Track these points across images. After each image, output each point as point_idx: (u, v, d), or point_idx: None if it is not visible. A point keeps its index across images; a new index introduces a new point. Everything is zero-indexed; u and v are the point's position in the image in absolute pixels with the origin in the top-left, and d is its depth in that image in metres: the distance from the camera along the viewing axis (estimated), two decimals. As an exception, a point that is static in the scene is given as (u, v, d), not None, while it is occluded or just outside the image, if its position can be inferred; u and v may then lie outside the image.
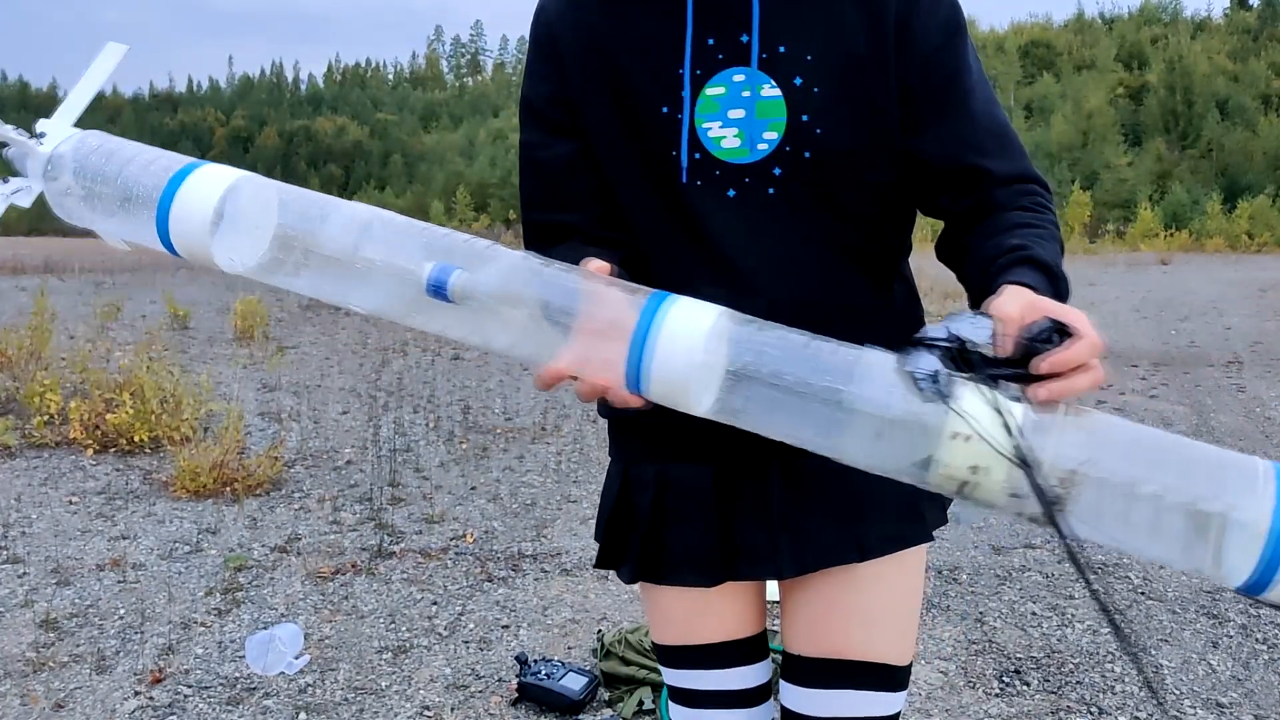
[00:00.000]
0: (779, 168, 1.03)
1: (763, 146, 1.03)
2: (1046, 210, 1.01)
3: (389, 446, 5.38)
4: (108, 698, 2.61)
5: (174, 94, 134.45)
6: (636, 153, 1.06)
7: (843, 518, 1.08)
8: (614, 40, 1.05)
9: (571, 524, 4.10)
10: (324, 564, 3.60)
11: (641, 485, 1.15)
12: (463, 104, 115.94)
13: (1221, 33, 66.62)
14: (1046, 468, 0.73)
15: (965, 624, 3.11)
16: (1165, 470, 0.71)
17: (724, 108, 1.02)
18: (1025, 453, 0.73)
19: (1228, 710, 2.57)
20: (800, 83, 1.01)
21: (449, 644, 2.97)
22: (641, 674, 2.62)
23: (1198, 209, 35.86)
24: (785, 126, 1.02)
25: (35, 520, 4.07)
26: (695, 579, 1.13)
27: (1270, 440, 5.60)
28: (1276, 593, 0.70)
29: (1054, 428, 0.74)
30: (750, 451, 1.03)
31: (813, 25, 1.02)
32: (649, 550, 1.15)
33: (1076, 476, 0.72)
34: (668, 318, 0.80)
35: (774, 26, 1.01)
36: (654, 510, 1.14)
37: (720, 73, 1.02)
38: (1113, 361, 8.54)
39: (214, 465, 4.44)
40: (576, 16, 1.08)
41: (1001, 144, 1.03)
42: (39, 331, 6.76)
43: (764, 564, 1.10)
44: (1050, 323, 0.77)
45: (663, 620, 1.18)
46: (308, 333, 10.34)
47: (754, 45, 1.01)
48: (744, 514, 1.10)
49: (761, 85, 1.02)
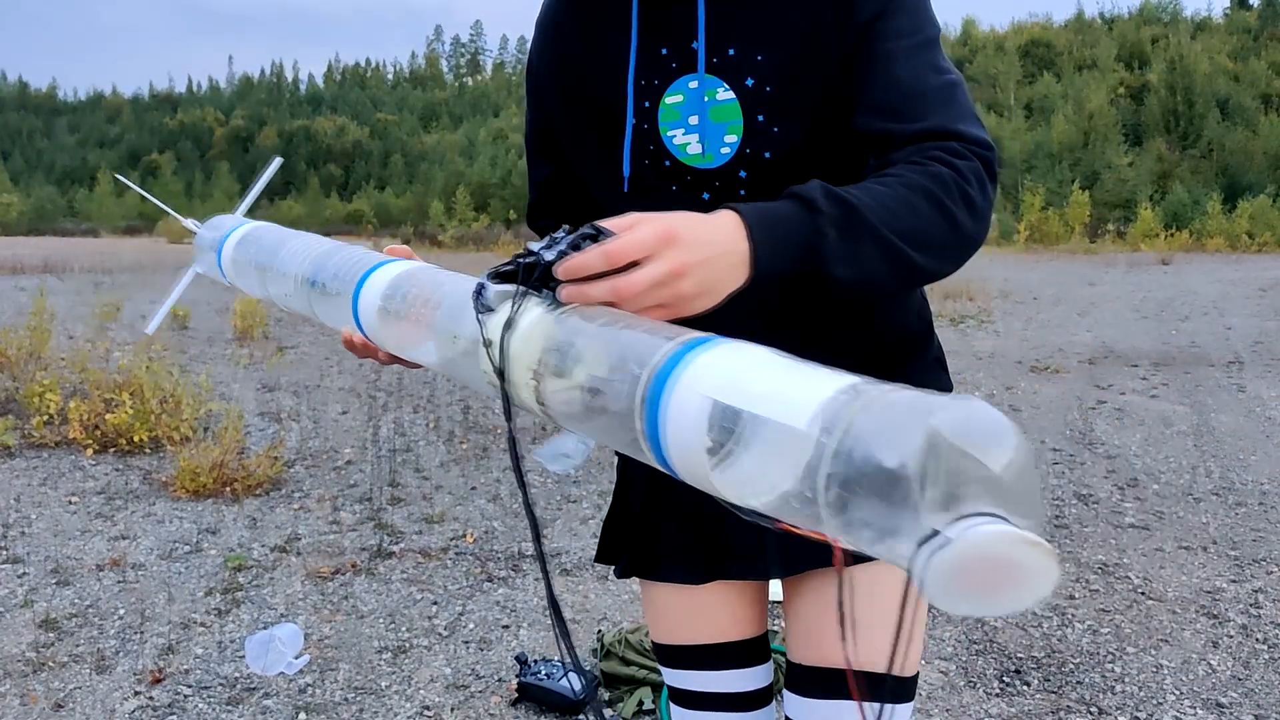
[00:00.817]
0: (744, 170, 1.03)
1: (725, 150, 1.03)
2: (935, 164, 0.90)
3: (389, 446, 5.38)
4: (107, 698, 2.61)
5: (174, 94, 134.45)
6: (615, 163, 1.08)
7: None
8: (587, 62, 1.08)
9: (571, 524, 4.10)
10: (324, 564, 3.60)
11: (635, 482, 1.17)
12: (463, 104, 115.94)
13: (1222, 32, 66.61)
14: (516, 366, 0.75)
15: (966, 624, 3.11)
16: (600, 362, 0.70)
17: (684, 115, 1.03)
18: (495, 352, 0.76)
19: (1228, 710, 2.57)
20: (752, 83, 1.01)
21: (449, 644, 2.96)
22: (641, 674, 2.62)
23: (1198, 209, 35.84)
24: (743, 129, 1.02)
25: (35, 520, 4.07)
26: (685, 576, 1.14)
27: (1270, 440, 5.60)
28: (675, 450, 0.64)
29: (539, 329, 0.75)
30: None
31: (761, 25, 1.01)
32: (641, 546, 1.17)
33: (536, 372, 0.73)
34: (374, 275, 0.97)
35: (722, 30, 1.01)
36: (645, 506, 1.16)
37: (676, 80, 1.03)
38: (1114, 361, 8.54)
39: (214, 465, 4.44)
40: (556, 46, 1.12)
41: (918, 104, 0.95)
42: (38, 331, 6.77)
43: (752, 563, 1.11)
44: (591, 228, 0.75)
45: (660, 619, 1.19)
46: (307, 333, 10.34)
47: (701, 51, 1.01)
48: (735, 515, 1.08)
49: (715, 90, 1.02)
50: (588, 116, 1.09)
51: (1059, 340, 9.82)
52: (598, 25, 1.07)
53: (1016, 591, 0.50)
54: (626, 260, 0.73)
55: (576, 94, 1.09)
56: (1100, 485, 4.70)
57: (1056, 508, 4.35)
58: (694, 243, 0.76)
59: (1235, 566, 3.62)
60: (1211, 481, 4.77)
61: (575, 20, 1.10)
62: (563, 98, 1.11)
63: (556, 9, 1.13)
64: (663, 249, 0.74)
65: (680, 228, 0.76)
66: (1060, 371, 8.04)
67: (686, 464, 0.63)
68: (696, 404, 0.62)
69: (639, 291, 0.73)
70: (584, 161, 1.13)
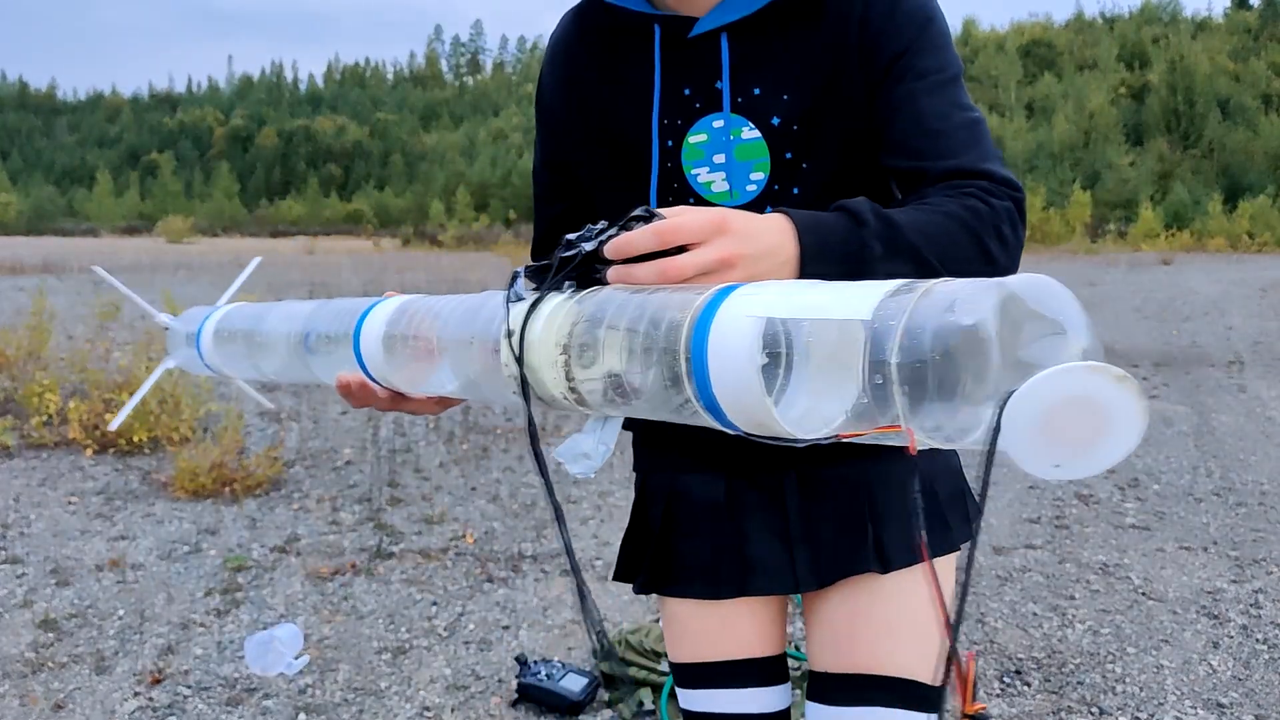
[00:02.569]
0: (770, 206, 1.02)
1: (751, 188, 1.04)
2: (971, 198, 0.91)
3: (388, 447, 5.38)
4: (107, 698, 2.60)
5: (173, 94, 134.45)
6: (634, 199, 1.07)
7: (862, 527, 1.07)
8: (608, 101, 1.09)
9: (572, 524, 4.10)
10: (323, 564, 3.60)
11: (655, 496, 1.17)
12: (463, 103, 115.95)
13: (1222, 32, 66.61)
14: (542, 349, 0.73)
15: (966, 624, 3.10)
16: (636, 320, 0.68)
17: (709, 153, 1.05)
18: (516, 341, 0.74)
19: (1228, 710, 2.57)
20: (778, 122, 1.02)
21: (449, 644, 2.96)
22: (641, 674, 2.61)
23: (1199, 209, 35.85)
24: (770, 165, 1.03)
25: (34, 520, 4.07)
26: (704, 591, 1.12)
27: (1270, 440, 5.59)
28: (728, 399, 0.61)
29: (565, 309, 0.73)
30: (765, 461, 1.06)
31: (784, 64, 1.02)
32: (660, 561, 1.15)
33: (566, 346, 0.71)
34: (373, 313, 0.95)
35: (746, 70, 1.02)
36: (665, 521, 1.15)
37: (700, 120, 1.04)
38: (1114, 361, 8.53)
39: (213, 465, 4.44)
40: (573, 85, 1.12)
41: (945, 143, 0.97)
42: (38, 331, 6.76)
43: (779, 577, 1.09)
44: (644, 211, 0.75)
45: (680, 636, 1.16)
46: (308, 332, 10.34)
47: (725, 91, 1.03)
48: (758, 527, 1.10)
49: (740, 129, 1.03)
50: (609, 156, 1.09)
51: (1059, 340, 9.81)
52: (617, 65, 1.08)
53: (1104, 442, 0.49)
54: (678, 242, 0.73)
55: (598, 134, 1.09)
56: (1101, 485, 4.69)
57: (1057, 508, 4.34)
58: (745, 235, 0.76)
59: (1235, 567, 3.61)
60: (1212, 482, 4.77)
61: (591, 59, 1.10)
62: (582, 137, 1.11)
63: (569, 46, 1.13)
64: (714, 236, 0.74)
65: (733, 219, 0.76)
66: (1060, 371, 8.04)
67: (740, 402, 0.60)
68: (746, 326, 0.59)
69: (686, 276, 0.72)
70: (606, 199, 1.12)
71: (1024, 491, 4.59)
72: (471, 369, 0.81)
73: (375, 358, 0.93)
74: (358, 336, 0.95)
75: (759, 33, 1.02)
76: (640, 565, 1.18)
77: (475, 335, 0.80)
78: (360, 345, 0.94)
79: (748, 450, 0.95)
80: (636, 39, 1.06)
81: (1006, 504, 4.41)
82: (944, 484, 1.12)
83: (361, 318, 0.94)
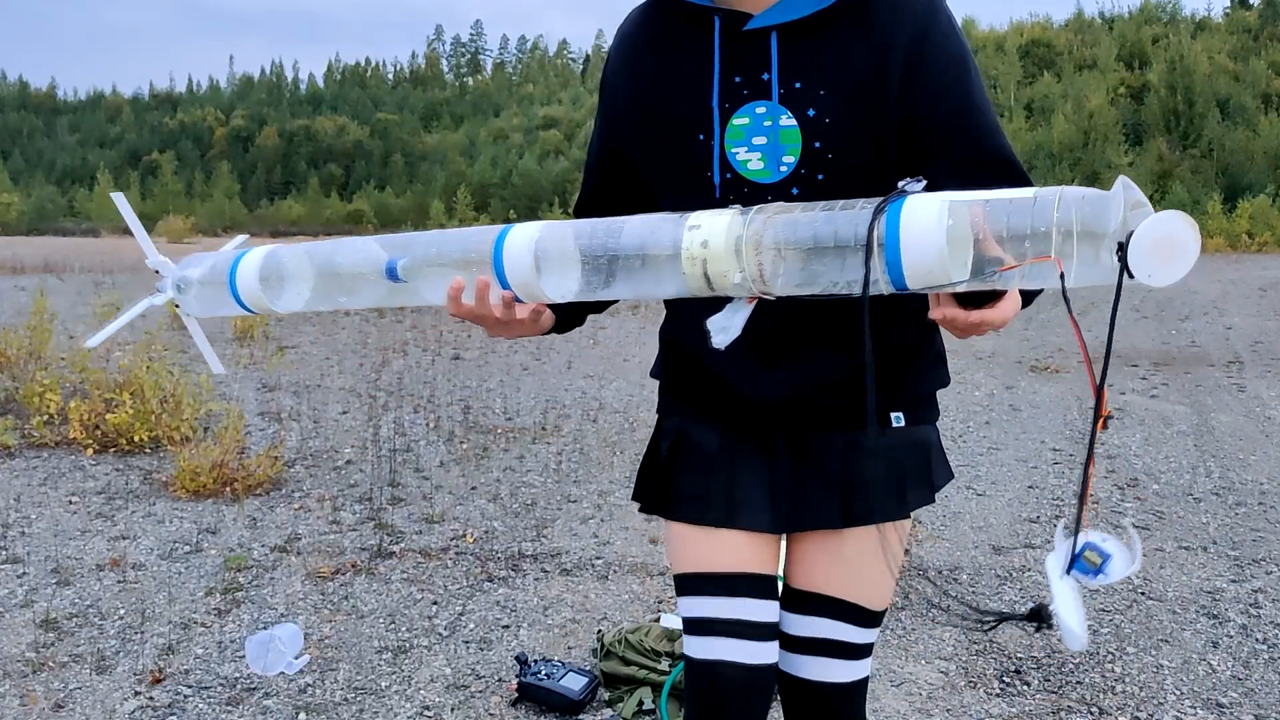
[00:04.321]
0: (796, 187, 1.20)
1: (783, 169, 1.20)
2: None
3: (389, 446, 5.38)
4: (107, 698, 2.61)
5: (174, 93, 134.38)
6: (679, 173, 1.25)
7: (836, 490, 1.28)
8: (661, 82, 1.26)
9: (572, 524, 4.10)
10: (324, 564, 3.60)
11: (667, 434, 1.38)
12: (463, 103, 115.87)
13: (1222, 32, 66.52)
14: (752, 248, 0.99)
15: (966, 624, 3.11)
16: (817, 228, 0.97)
17: (749, 135, 1.20)
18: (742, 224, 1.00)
19: (1228, 710, 2.57)
20: (813, 114, 1.18)
21: (449, 644, 2.96)
22: (642, 674, 2.61)
23: (1198, 208, 35.82)
24: (801, 152, 1.19)
25: (35, 520, 4.07)
26: (692, 515, 1.32)
27: (1270, 440, 5.59)
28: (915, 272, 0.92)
29: (759, 220, 1.00)
30: (758, 422, 1.30)
31: (825, 64, 1.18)
32: (661, 489, 1.36)
33: (761, 246, 0.98)
34: (509, 236, 1.11)
35: (791, 66, 1.18)
36: (670, 456, 1.36)
37: (745, 105, 1.20)
38: (1114, 361, 8.54)
39: (214, 465, 4.44)
40: (637, 75, 1.29)
41: (1000, 173, 1.16)
42: (38, 331, 6.76)
43: (759, 518, 1.30)
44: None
45: (681, 550, 1.34)
46: (308, 333, 10.34)
47: (774, 82, 1.19)
48: (747, 474, 1.31)
49: (780, 116, 1.19)
50: (668, 135, 1.25)
51: (1059, 340, 9.82)
52: (677, 54, 1.25)
53: (1183, 259, 0.82)
54: None
55: (659, 116, 1.26)
56: (1100, 485, 4.70)
57: (1056, 508, 4.35)
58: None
59: (1235, 566, 3.62)
60: (1211, 481, 4.77)
61: (653, 48, 1.28)
62: (641, 118, 1.28)
63: (635, 37, 1.31)
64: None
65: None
66: (1060, 371, 8.04)
67: (922, 260, 0.90)
68: (932, 210, 0.89)
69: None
70: (661, 173, 1.29)
71: (1024, 491, 4.60)
72: (653, 260, 1.05)
73: (522, 269, 1.10)
74: (500, 252, 1.10)
75: (806, 34, 1.18)
76: (647, 490, 1.39)
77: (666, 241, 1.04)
78: (505, 259, 1.10)
79: (744, 411, 1.28)
80: (697, 30, 1.23)
81: (1006, 504, 4.42)
82: (910, 457, 1.32)
83: (501, 239, 1.11)
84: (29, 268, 19.48)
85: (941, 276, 0.90)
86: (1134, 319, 11.48)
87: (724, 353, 1.12)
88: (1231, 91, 50.96)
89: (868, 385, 0.99)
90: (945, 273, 0.89)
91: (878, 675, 2.74)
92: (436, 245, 1.17)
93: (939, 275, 0.90)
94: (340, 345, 9.52)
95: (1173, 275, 0.82)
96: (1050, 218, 0.85)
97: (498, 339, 1.32)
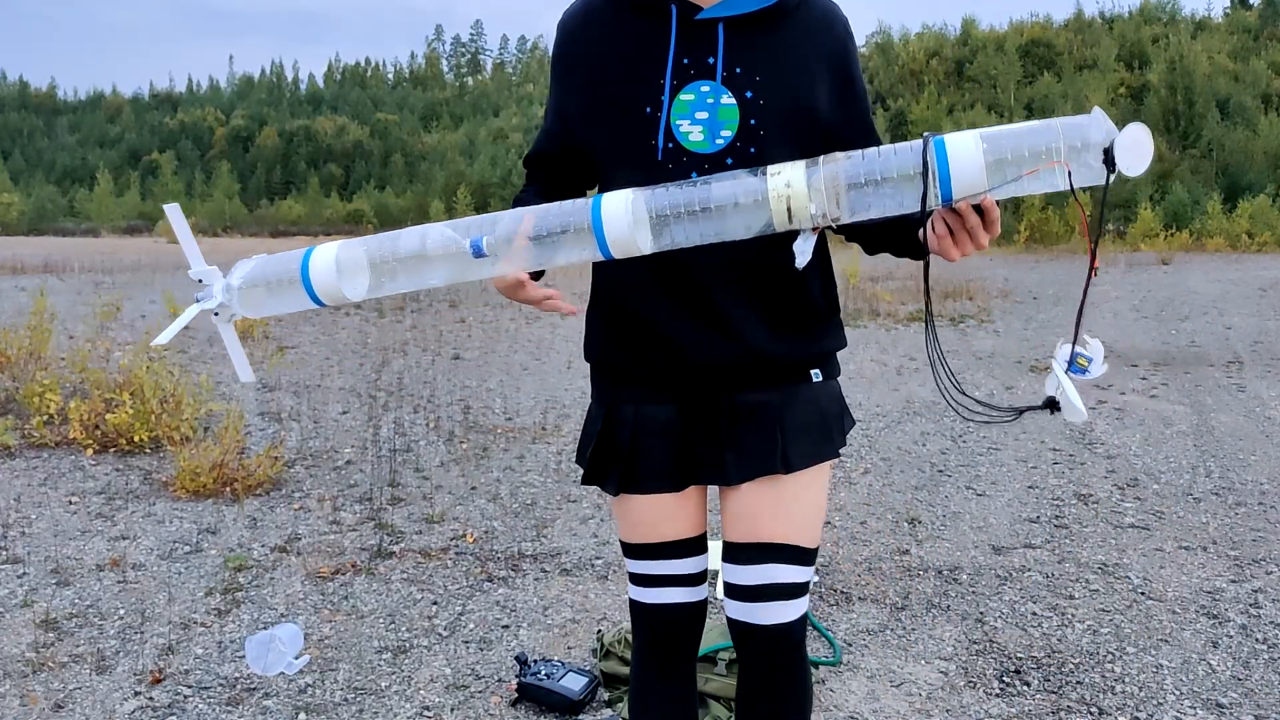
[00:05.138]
0: (731, 159, 1.40)
1: (720, 141, 1.39)
2: None
3: (389, 446, 5.38)
4: (107, 698, 2.61)
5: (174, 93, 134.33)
6: (623, 141, 1.43)
7: (774, 439, 1.47)
8: (614, 58, 1.44)
9: (571, 524, 4.10)
10: (324, 564, 3.60)
11: (623, 422, 1.54)
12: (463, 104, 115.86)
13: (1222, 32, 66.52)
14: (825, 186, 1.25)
15: (965, 624, 3.11)
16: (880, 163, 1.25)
17: (693, 110, 1.40)
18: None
19: (1228, 710, 2.57)
20: (750, 95, 1.39)
21: (449, 644, 2.96)
22: (641, 674, 2.61)
23: (1198, 209, 35.80)
24: (737, 127, 1.39)
25: (35, 520, 4.07)
26: (664, 486, 1.53)
27: (1270, 440, 5.60)
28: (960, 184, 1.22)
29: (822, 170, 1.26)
30: (705, 391, 1.49)
31: (765, 53, 1.41)
32: (629, 469, 1.54)
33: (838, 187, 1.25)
34: (603, 203, 1.29)
35: (734, 52, 1.40)
36: (632, 440, 1.53)
37: (691, 83, 1.40)
38: (1113, 361, 8.54)
39: (214, 465, 4.44)
40: (592, 39, 1.48)
41: (874, 138, 1.51)
42: (38, 331, 6.76)
43: (716, 473, 1.50)
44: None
45: (633, 524, 1.57)
46: (308, 332, 10.34)
47: (719, 65, 1.40)
48: (701, 438, 1.50)
49: (722, 95, 1.39)
50: (618, 107, 1.43)
51: (1058, 340, 9.81)
52: (630, 39, 1.43)
53: (1146, 155, 1.16)
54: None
55: (611, 89, 1.44)
56: (1100, 485, 4.70)
57: (1056, 508, 4.35)
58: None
59: (1235, 566, 3.62)
60: (1211, 481, 4.77)
61: (608, 34, 1.46)
62: (594, 90, 1.46)
63: (591, 22, 1.48)
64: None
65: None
66: (1060, 371, 8.03)
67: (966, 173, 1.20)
68: (970, 141, 1.21)
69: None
70: (605, 141, 1.46)
71: (1023, 491, 4.60)
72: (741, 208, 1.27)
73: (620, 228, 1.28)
74: (598, 215, 1.28)
75: (748, 28, 1.41)
76: (609, 473, 1.56)
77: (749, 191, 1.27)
78: (604, 223, 1.28)
79: (690, 384, 1.48)
80: (652, 18, 1.42)
81: (1006, 503, 4.42)
82: (831, 405, 1.54)
83: (596, 207, 1.29)
84: (29, 268, 19.48)
85: (980, 186, 1.20)
86: (1134, 319, 11.49)
87: (669, 311, 1.43)
88: (1231, 91, 50.96)
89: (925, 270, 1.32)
90: (983, 183, 1.20)
91: (878, 675, 2.75)
92: (514, 218, 1.34)
93: (979, 185, 1.20)
94: (340, 345, 9.52)
95: (1142, 166, 1.16)
96: (1057, 136, 1.17)
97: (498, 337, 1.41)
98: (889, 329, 10.80)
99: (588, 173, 1.55)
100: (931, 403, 6.70)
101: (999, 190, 1.21)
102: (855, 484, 4.74)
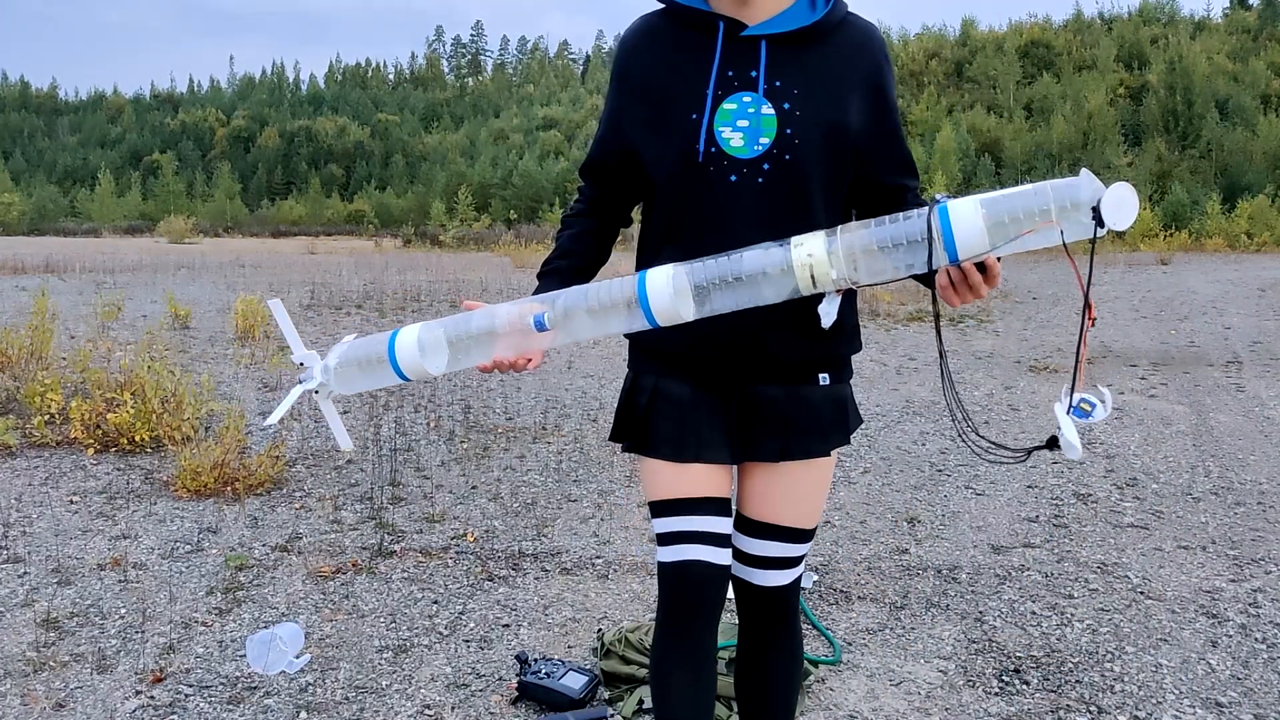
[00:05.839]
0: (767, 164, 1.54)
1: (758, 148, 1.54)
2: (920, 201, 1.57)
3: (389, 446, 5.39)
4: (108, 697, 2.61)
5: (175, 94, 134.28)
6: (670, 144, 1.58)
7: (775, 432, 1.64)
8: (665, 69, 1.60)
9: (572, 523, 4.11)
10: (325, 563, 3.61)
11: (642, 389, 1.69)
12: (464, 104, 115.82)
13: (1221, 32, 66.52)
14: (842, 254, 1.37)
15: (965, 623, 3.11)
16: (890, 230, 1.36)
17: (734, 118, 1.54)
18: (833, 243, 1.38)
19: (1228, 710, 2.58)
20: (788, 107, 1.53)
21: (449, 643, 2.97)
22: (642, 673, 2.62)
23: (1197, 209, 35.80)
24: (775, 136, 1.53)
25: (36, 520, 4.07)
26: (670, 454, 1.65)
27: (1269, 440, 5.60)
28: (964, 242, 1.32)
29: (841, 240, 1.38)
30: (720, 379, 1.64)
31: (804, 68, 1.55)
32: (642, 433, 1.68)
33: (854, 254, 1.37)
34: (648, 279, 1.43)
35: (775, 66, 1.55)
36: (648, 407, 1.68)
37: (734, 94, 1.54)
38: (1112, 361, 8.54)
39: (215, 465, 4.45)
40: (647, 53, 1.63)
41: (911, 167, 1.68)
42: (40, 331, 6.77)
43: (721, 452, 1.65)
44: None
45: (656, 482, 1.67)
46: (308, 332, 10.34)
47: (760, 78, 1.54)
48: (710, 417, 1.65)
49: (762, 106, 1.53)
50: (666, 113, 1.58)
51: (1058, 340, 9.82)
52: (681, 52, 1.59)
53: (1131, 210, 1.25)
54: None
55: (662, 97, 1.59)
56: (1099, 485, 4.70)
57: (1056, 507, 4.35)
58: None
59: (1234, 566, 3.62)
60: (1210, 481, 4.77)
61: (663, 47, 1.61)
62: (644, 98, 1.61)
63: (649, 38, 1.63)
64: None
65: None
66: (1059, 371, 8.04)
67: (969, 235, 1.30)
68: (970, 206, 1.31)
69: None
70: (653, 144, 1.60)
71: (1023, 491, 4.61)
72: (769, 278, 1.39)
73: (663, 300, 1.41)
74: (643, 288, 1.42)
75: (789, 45, 1.56)
76: (627, 433, 1.71)
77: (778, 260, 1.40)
78: (649, 296, 1.42)
79: (707, 368, 1.63)
80: (701, 33, 1.57)
81: (1005, 503, 4.42)
82: (832, 409, 1.68)
83: (641, 283, 1.42)
84: (30, 268, 19.49)
85: (982, 246, 1.31)
86: (1133, 319, 11.49)
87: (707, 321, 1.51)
88: (1230, 92, 50.92)
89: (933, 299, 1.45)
90: (985, 243, 1.31)
91: (877, 674, 2.75)
92: (572, 296, 1.50)
93: (981, 245, 1.31)
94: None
95: (1127, 221, 1.26)
96: (1048, 198, 1.28)
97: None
98: (889, 329, 10.80)
99: (637, 182, 1.68)
100: (931, 402, 6.70)
101: (999, 249, 1.32)
102: (855, 483, 4.75)
